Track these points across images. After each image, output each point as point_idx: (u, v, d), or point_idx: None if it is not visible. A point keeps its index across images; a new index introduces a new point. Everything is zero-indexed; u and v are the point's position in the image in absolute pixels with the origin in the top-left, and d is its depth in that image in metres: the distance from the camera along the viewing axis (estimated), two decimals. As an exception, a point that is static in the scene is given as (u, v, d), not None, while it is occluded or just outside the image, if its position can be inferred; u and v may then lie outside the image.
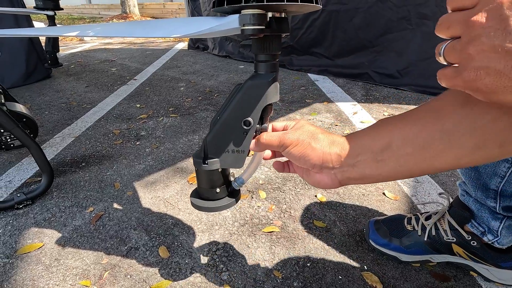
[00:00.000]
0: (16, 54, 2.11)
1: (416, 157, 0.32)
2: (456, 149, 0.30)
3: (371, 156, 0.34)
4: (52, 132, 1.38)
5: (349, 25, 2.03)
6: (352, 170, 0.35)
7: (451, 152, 0.30)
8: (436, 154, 0.31)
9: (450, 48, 0.25)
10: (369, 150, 0.34)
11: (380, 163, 0.33)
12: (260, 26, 0.33)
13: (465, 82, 0.24)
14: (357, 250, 0.69)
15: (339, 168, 0.36)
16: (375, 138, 0.34)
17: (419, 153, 0.31)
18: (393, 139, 0.33)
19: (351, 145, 0.35)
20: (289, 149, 0.38)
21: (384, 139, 0.33)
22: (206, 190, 0.48)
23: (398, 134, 0.32)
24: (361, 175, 0.35)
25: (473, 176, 0.57)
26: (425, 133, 0.31)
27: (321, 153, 0.36)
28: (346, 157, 0.35)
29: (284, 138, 0.38)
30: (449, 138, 0.29)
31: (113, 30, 0.43)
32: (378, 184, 0.92)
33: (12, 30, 0.58)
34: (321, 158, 0.36)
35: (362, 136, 0.36)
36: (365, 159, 0.34)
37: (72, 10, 11.71)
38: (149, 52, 3.49)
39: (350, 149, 0.35)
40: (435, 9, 1.65)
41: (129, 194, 0.91)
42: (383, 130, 0.34)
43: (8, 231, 0.78)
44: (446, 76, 0.26)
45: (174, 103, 1.74)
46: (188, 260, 0.67)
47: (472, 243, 0.59)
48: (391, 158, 0.33)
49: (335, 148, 0.36)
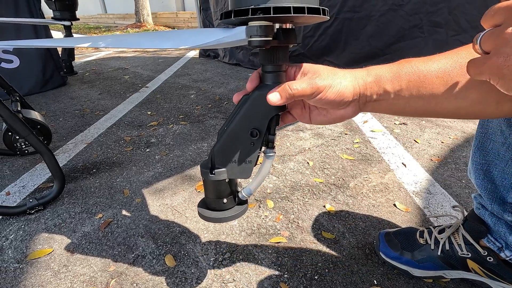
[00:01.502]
0: (34, 62, 2.19)
1: (428, 98, 0.35)
2: (460, 99, 0.33)
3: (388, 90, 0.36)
4: (66, 139, 1.41)
5: (361, 33, 2.03)
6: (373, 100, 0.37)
7: (455, 102, 0.33)
8: (441, 101, 0.34)
9: (488, 34, 0.25)
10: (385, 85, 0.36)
11: (396, 97, 0.36)
12: (267, 38, 0.33)
13: (491, 68, 0.24)
14: (366, 264, 0.67)
15: (363, 98, 0.37)
16: (394, 77, 0.36)
17: (430, 96, 0.35)
18: (411, 79, 0.35)
19: (371, 79, 0.37)
20: (322, 94, 0.36)
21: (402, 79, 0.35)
22: (213, 200, 0.48)
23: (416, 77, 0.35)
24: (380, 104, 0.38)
25: (489, 188, 0.55)
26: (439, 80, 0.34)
27: (352, 89, 0.36)
28: (368, 89, 0.37)
29: (316, 84, 0.35)
30: (456, 89, 0.33)
31: (123, 41, 0.44)
32: (389, 195, 0.90)
33: (29, 41, 0.60)
34: (352, 93, 0.36)
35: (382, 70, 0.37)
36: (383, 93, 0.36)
37: (88, 19, 12.11)
38: (161, 60, 3.56)
39: (368, 83, 0.37)
40: (447, 17, 1.63)
41: (137, 201, 0.92)
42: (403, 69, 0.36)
43: (19, 236, 0.79)
44: (475, 63, 0.26)
45: (184, 111, 1.75)
46: (194, 270, 0.67)
47: (488, 259, 0.56)
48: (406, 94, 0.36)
49: (360, 81, 0.37)
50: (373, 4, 1.93)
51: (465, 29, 1.57)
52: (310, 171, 1.06)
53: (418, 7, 1.73)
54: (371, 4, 1.94)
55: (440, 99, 0.34)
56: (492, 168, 0.54)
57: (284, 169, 1.08)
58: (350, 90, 0.36)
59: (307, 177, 1.02)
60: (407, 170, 1.04)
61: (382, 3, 1.88)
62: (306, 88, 0.35)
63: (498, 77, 0.24)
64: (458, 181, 0.96)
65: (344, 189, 0.94)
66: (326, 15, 0.34)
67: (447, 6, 1.62)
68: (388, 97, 0.36)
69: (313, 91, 0.35)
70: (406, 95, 0.35)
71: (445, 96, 0.34)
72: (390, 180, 0.98)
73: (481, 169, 0.56)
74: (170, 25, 8.44)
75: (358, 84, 0.37)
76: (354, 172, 1.04)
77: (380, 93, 0.36)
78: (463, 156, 1.12)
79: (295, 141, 1.29)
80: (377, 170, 1.05)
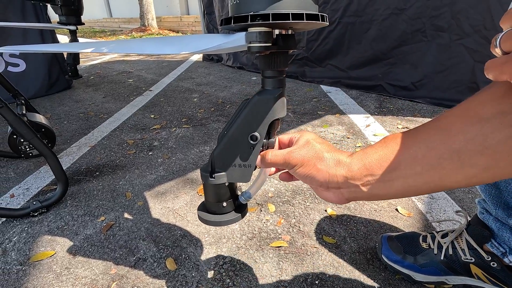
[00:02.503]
0: (39, 66, 2.22)
1: (425, 176, 0.31)
2: (467, 168, 0.28)
3: (379, 177, 0.33)
4: (70, 141, 1.43)
5: (364, 37, 2.03)
6: (359, 190, 0.35)
7: (462, 171, 0.29)
8: (446, 174, 0.29)
9: (508, 34, 0.24)
10: (376, 171, 0.33)
11: (388, 183, 0.33)
12: (266, 44, 0.34)
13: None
14: (368, 269, 0.66)
15: (346, 188, 0.35)
16: (382, 158, 0.33)
17: (428, 173, 0.30)
18: (401, 159, 0.32)
19: (358, 166, 0.34)
20: (294, 169, 0.37)
21: (392, 160, 0.32)
22: (213, 204, 0.48)
23: (407, 154, 0.31)
24: (368, 194, 0.35)
25: (493, 193, 0.55)
26: (434, 153, 0.30)
27: (327, 174, 0.35)
28: (352, 179, 0.34)
29: (289, 157, 0.37)
30: (459, 157, 0.28)
31: (125, 47, 0.44)
32: (391, 200, 0.90)
33: (34, 46, 0.61)
34: (327, 179, 0.36)
35: (368, 156, 0.34)
36: (372, 179, 0.33)
37: (94, 23, 12.26)
38: (165, 63, 3.59)
39: (356, 170, 0.34)
40: (451, 21, 1.63)
41: (139, 204, 0.92)
42: (390, 149, 0.33)
43: (23, 238, 0.80)
44: (494, 64, 0.25)
45: (187, 114, 1.76)
46: (195, 274, 0.67)
47: (492, 264, 0.56)
48: (399, 178, 0.32)
49: (340, 169, 0.35)
50: (376, 8, 1.93)
51: (468, 33, 1.57)
52: (312, 175, 1.05)
53: (420, 12, 1.73)
54: (374, 9, 1.94)
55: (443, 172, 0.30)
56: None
57: (286, 172, 1.07)
58: (322, 174, 0.35)
59: (309, 181, 1.01)
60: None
61: (385, 8, 1.89)
62: (279, 159, 0.38)
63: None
64: (462, 186, 0.95)
65: (346, 193, 0.94)
66: (325, 21, 0.34)
67: (450, 10, 1.61)
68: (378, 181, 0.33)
69: (286, 163, 0.38)
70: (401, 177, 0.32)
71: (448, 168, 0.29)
72: (392, 185, 0.97)
73: (484, 174, 0.55)
74: (175, 29, 8.51)
75: (336, 172, 0.35)
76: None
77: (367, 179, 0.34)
78: (467, 160, 1.11)
79: (297, 145, 1.29)
80: (380, 174, 1.04)
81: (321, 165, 0.36)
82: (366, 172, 0.34)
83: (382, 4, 1.89)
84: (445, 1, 1.63)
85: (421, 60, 1.79)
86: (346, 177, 0.35)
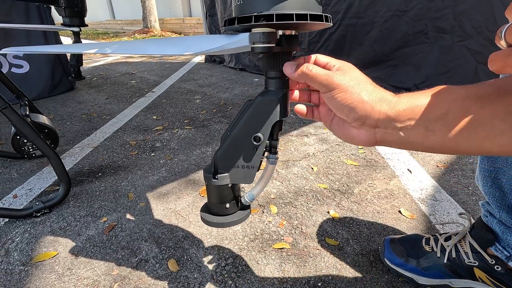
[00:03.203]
0: (43, 67, 2.23)
1: (470, 133, 0.28)
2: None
3: (423, 123, 0.30)
4: (73, 142, 1.43)
5: (366, 39, 2.04)
6: (396, 133, 0.32)
7: (509, 135, 0.27)
8: (493, 134, 0.27)
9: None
10: (422, 116, 0.30)
11: (429, 132, 0.30)
12: (270, 44, 0.34)
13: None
14: (370, 271, 0.66)
15: (383, 128, 0.32)
16: (432, 104, 0.30)
17: (475, 130, 0.28)
18: (452, 109, 0.29)
19: (404, 107, 0.31)
20: (334, 93, 0.33)
21: (442, 107, 0.29)
22: (216, 205, 0.48)
23: (460, 105, 0.29)
24: (404, 140, 0.32)
25: (497, 196, 0.54)
26: (489, 110, 0.27)
27: (370, 108, 0.32)
28: (395, 119, 0.31)
29: (333, 77, 0.33)
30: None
31: (128, 47, 0.44)
32: (394, 202, 0.89)
33: (37, 47, 0.62)
34: (368, 113, 0.32)
35: (417, 98, 0.31)
36: (415, 125, 0.31)
37: (97, 25, 12.34)
38: (167, 65, 3.60)
39: (401, 111, 0.31)
40: (453, 22, 1.62)
41: (142, 205, 0.92)
42: (442, 96, 0.30)
43: (25, 238, 0.80)
44: (498, 56, 0.24)
45: (189, 115, 1.77)
46: (197, 275, 0.67)
47: (496, 268, 0.55)
48: (443, 129, 0.29)
49: (385, 105, 0.32)
50: (377, 10, 1.93)
51: (471, 34, 1.56)
52: (314, 176, 1.05)
53: (422, 13, 1.73)
54: (375, 10, 1.94)
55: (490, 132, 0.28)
56: (500, 175, 0.53)
57: (288, 174, 1.07)
58: (365, 107, 0.32)
59: (311, 183, 1.01)
60: (412, 176, 1.03)
61: (386, 9, 1.89)
62: (320, 75, 0.33)
63: None
64: (465, 188, 0.95)
65: (349, 195, 0.93)
66: (329, 22, 0.34)
67: (452, 11, 1.61)
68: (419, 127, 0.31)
69: (327, 83, 0.33)
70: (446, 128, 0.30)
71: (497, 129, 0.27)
72: (395, 187, 0.97)
73: (489, 176, 0.55)
74: (177, 31, 8.55)
75: (379, 108, 0.32)
76: (359, 178, 1.03)
77: (409, 122, 0.31)
78: (470, 162, 1.10)
79: (299, 146, 1.29)
80: (382, 176, 1.04)
81: (366, 95, 0.32)
82: (411, 115, 0.31)
83: (383, 6, 1.89)
84: (447, 2, 1.62)
85: (424, 61, 1.79)
86: (388, 116, 0.31)
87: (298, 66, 0.35)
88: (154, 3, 8.34)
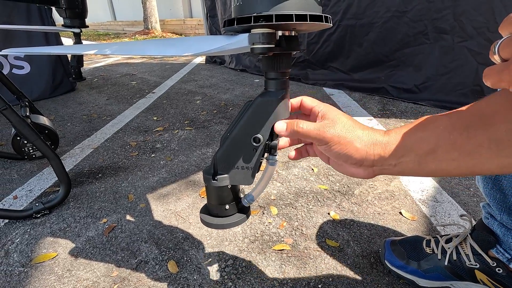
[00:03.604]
0: (44, 68, 2.23)
1: (460, 162, 0.31)
2: (503, 158, 0.29)
3: (414, 158, 0.33)
4: (73, 143, 1.43)
5: (365, 40, 2.03)
6: (392, 168, 0.35)
7: (497, 160, 0.29)
8: (481, 161, 0.30)
9: (507, 41, 0.24)
10: (413, 153, 0.33)
11: (422, 165, 0.33)
12: (269, 45, 0.33)
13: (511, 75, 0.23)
14: (371, 273, 0.66)
15: (379, 166, 0.35)
16: (421, 141, 0.33)
17: (463, 160, 0.31)
18: (440, 144, 0.31)
19: (395, 147, 0.34)
20: (328, 146, 0.35)
21: (430, 143, 0.32)
22: (215, 206, 0.48)
23: (447, 140, 0.31)
24: (398, 172, 0.35)
25: (498, 198, 0.54)
26: (474, 141, 0.29)
27: (365, 153, 0.34)
28: (389, 159, 0.34)
29: (324, 133, 0.35)
30: (498, 147, 0.28)
31: (128, 48, 0.44)
32: (395, 203, 0.89)
33: (38, 48, 0.62)
34: (364, 157, 0.35)
35: (407, 137, 0.34)
36: (408, 161, 0.33)
37: (98, 26, 12.37)
38: (168, 66, 3.61)
39: (393, 151, 0.34)
40: (453, 23, 1.62)
41: (142, 206, 0.92)
42: (429, 131, 0.33)
43: (25, 239, 0.80)
44: (492, 71, 0.25)
45: (190, 116, 1.77)
46: (197, 276, 0.66)
47: (497, 270, 0.55)
48: (434, 162, 0.32)
49: (378, 148, 0.34)
50: (376, 11, 1.93)
51: (471, 35, 1.56)
52: (314, 177, 1.05)
53: (422, 14, 1.73)
54: (374, 11, 1.94)
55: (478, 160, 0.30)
56: (501, 177, 0.53)
57: (289, 175, 1.07)
58: (359, 153, 0.34)
59: (311, 184, 1.01)
60: (413, 177, 1.02)
61: (385, 10, 1.88)
62: (311, 131, 0.35)
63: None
64: (466, 189, 0.94)
65: (349, 196, 0.93)
66: (329, 22, 0.34)
67: (452, 12, 1.60)
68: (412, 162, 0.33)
69: (319, 138, 0.35)
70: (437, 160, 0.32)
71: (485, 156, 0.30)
72: (396, 188, 0.97)
73: (490, 178, 0.55)
74: (178, 32, 8.56)
75: (373, 151, 0.34)
76: (359, 179, 1.02)
77: (402, 159, 0.34)
78: (471, 163, 1.10)
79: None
80: (383, 177, 1.03)
81: (359, 143, 0.35)
82: (403, 153, 0.33)
83: (382, 7, 1.89)
84: (447, 3, 1.62)
85: (424, 62, 1.78)
86: (382, 157, 0.34)
87: (287, 124, 0.37)
88: (155, 4, 8.36)
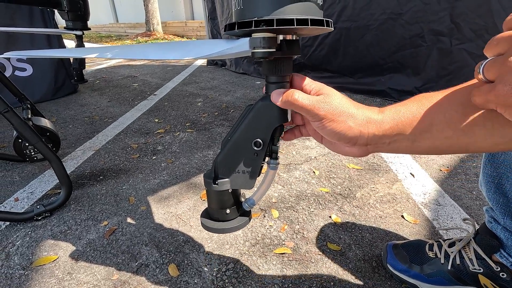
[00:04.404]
0: (46, 70, 2.24)
1: (453, 140, 0.31)
2: (497, 137, 0.29)
3: (409, 137, 0.33)
4: (74, 145, 1.44)
5: (361, 42, 2.01)
6: (385, 146, 0.35)
7: (491, 139, 0.29)
8: (475, 140, 0.30)
9: (491, 63, 0.25)
10: (406, 131, 0.33)
11: (415, 143, 0.33)
12: (270, 49, 0.33)
13: (498, 97, 0.24)
14: (373, 277, 0.65)
15: (373, 144, 0.35)
16: (415, 117, 0.32)
17: (458, 138, 0.31)
18: (435, 122, 0.31)
19: (389, 125, 0.33)
20: (322, 123, 0.34)
21: (425, 121, 0.32)
22: (216, 210, 0.48)
23: (442, 117, 0.31)
24: (392, 150, 0.35)
25: (501, 202, 0.53)
26: (470, 118, 0.29)
27: (358, 132, 0.34)
28: (383, 137, 0.34)
29: (318, 107, 0.33)
30: (493, 126, 0.28)
31: (129, 52, 0.44)
32: (397, 206, 0.88)
33: (41, 52, 0.62)
34: (357, 136, 0.34)
35: (400, 114, 0.33)
36: (402, 139, 0.33)
37: (100, 28, 12.43)
38: (169, 68, 3.62)
39: (387, 129, 0.33)
40: (450, 25, 1.60)
41: (142, 209, 0.92)
42: (425, 107, 0.32)
43: (26, 242, 0.80)
44: (480, 91, 0.26)
45: (191, 118, 1.77)
46: (197, 280, 0.66)
47: (501, 275, 0.54)
48: (429, 139, 0.32)
49: (372, 127, 0.34)
50: (371, 13, 1.91)
51: (469, 38, 1.54)
52: (316, 180, 1.05)
53: (418, 16, 1.71)
54: (369, 13, 1.92)
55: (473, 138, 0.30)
56: (504, 181, 0.52)
57: (290, 178, 1.07)
58: (353, 132, 0.34)
59: (313, 187, 1.01)
60: (415, 180, 1.02)
61: (380, 12, 1.87)
62: (306, 104, 0.34)
63: (505, 106, 0.24)
64: (469, 193, 0.94)
65: (351, 200, 0.93)
66: (330, 26, 0.34)
67: (448, 14, 1.59)
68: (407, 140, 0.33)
69: (313, 113, 0.34)
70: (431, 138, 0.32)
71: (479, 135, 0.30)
72: (398, 191, 0.96)
73: (493, 181, 0.54)
74: (179, 34, 8.59)
75: (367, 130, 0.34)
76: (361, 182, 1.02)
77: (397, 137, 0.33)
78: (474, 166, 1.09)
79: (301, 150, 1.28)
80: (385, 180, 1.03)
81: (353, 121, 0.34)
82: (397, 131, 0.33)
83: (378, 9, 1.87)
84: (444, 5, 1.60)
85: (424, 65, 1.77)
86: (376, 135, 0.34)
87: (284, 94, 0.35)
88: (157, 6, 8.40)
